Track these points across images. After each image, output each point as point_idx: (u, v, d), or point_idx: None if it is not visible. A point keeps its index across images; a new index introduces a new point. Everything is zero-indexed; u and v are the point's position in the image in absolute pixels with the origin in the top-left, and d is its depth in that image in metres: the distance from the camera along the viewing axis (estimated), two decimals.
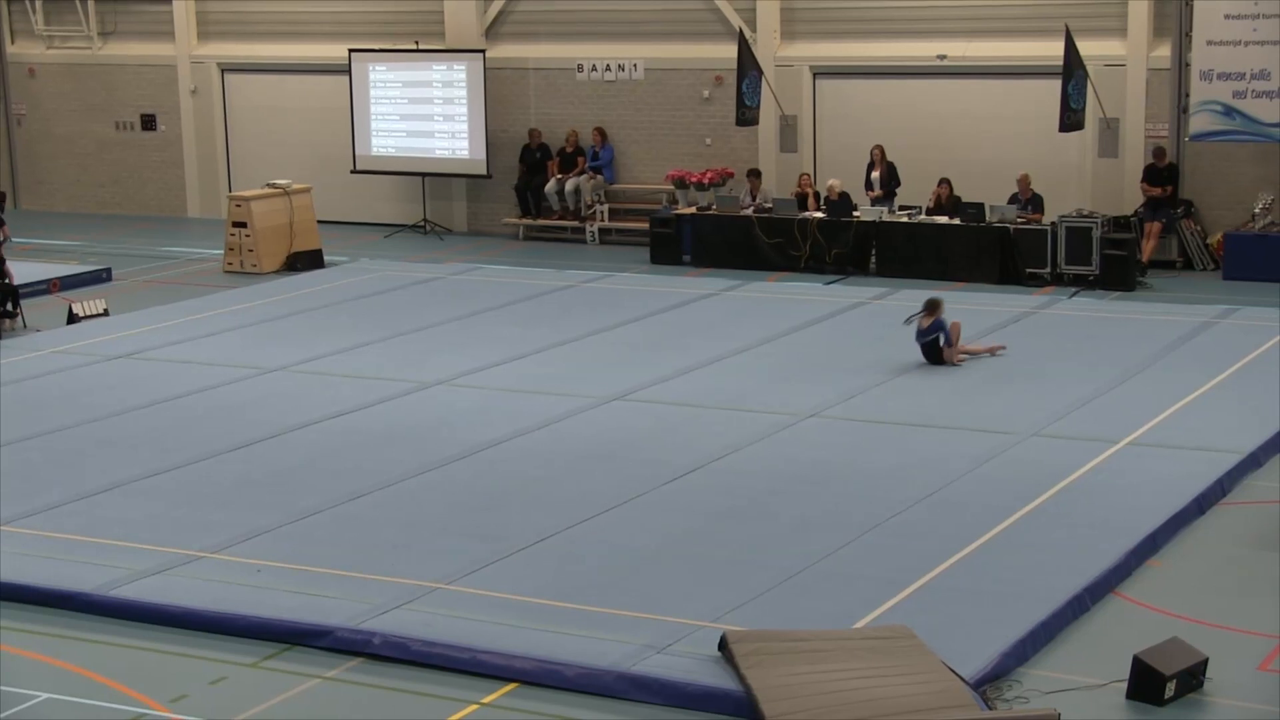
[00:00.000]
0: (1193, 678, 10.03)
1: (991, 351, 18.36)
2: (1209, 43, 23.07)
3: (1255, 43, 22.79)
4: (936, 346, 17.91)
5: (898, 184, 24.59)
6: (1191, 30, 23.27)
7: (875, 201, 24.36)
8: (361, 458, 15.08)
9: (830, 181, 24.50)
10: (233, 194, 26.91)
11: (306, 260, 25.29)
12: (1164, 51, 23.87)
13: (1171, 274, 23.29)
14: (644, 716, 9.96)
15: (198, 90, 30.67)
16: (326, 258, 25.62)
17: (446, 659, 10.65)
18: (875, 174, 24.53)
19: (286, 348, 19.54)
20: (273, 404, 17.05)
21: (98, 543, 12.78)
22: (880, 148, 24.58)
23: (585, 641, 10.72)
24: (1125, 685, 10.01)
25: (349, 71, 28.62)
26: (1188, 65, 23.41)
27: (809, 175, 25.21)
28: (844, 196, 24.24)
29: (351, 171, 28.92)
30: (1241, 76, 22.90)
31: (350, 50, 28.62)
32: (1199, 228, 23.84)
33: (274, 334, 20.44)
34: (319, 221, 26.32)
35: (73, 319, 21.27)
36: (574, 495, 13.83)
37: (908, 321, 18.11)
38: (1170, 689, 9.88)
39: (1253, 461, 14.46)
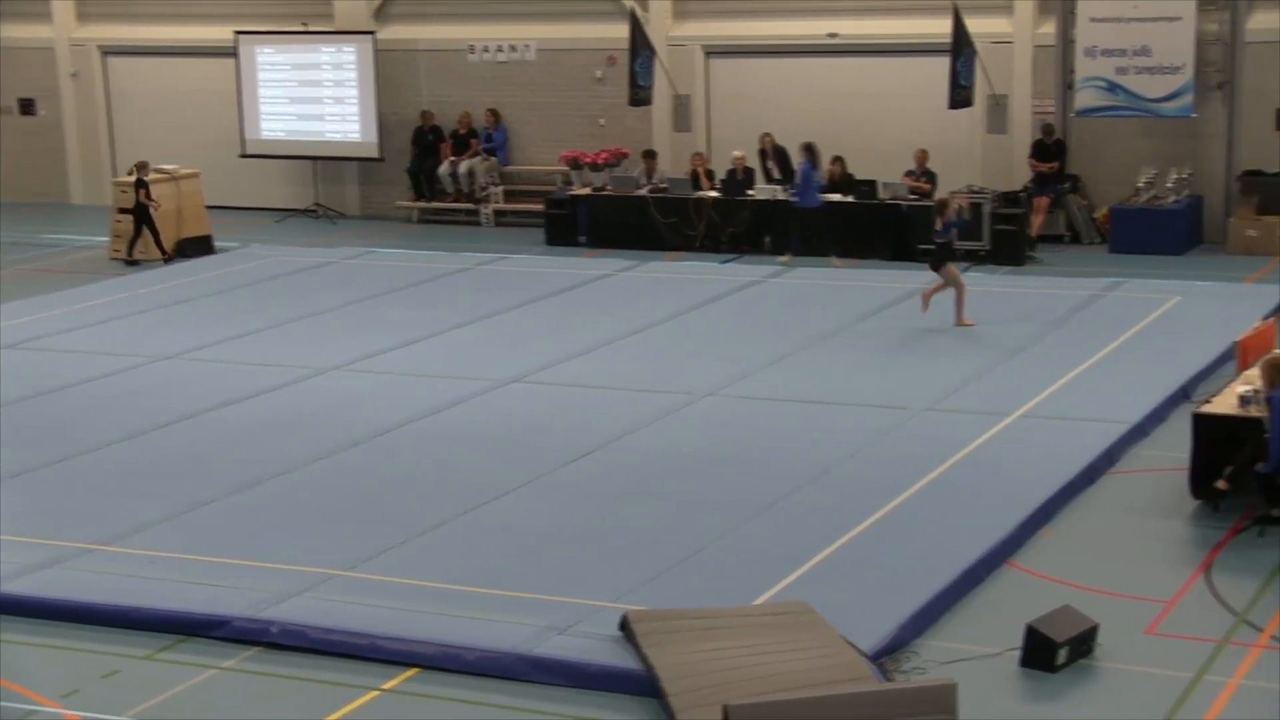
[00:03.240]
0: (1084, 644, 10.22)
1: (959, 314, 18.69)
2: (1092, 20, 23.41)
3: (1137, 20, 23.15)
4: (949, 247, 18.63)
5: (791, 169, 24.54)
6: (1075, 8, 23.59)
7: (772, 181, 24.43)
8: (256, 445, 14.94)
9: (735, 153, 24.54)
10: (118, 179, 26.51)
11: (195, 246, 24.96)
12: (1049, 29, 24.17)
13: (1060, 248, 23.61)
14: (546, 698, 9.97)
15: (78, 74, 30.15)
16: (216, 243, 25.31)
17: (346, 646, 10.60)
18: (770, 162, 24.54)
19: (177, 335, 19.30)
20: (163, 392, 16.84)
21: None
22: (769, 135, 24.61)
23: (485, 625, 10.71)
24: (1019, 653, 10.17)
25: (236, 54, 28.27)
26: (1072, 42, 23.73)
27: (702, 155, 25.26)
28: (749, 171, 24.33)
29: (240, 155, 28.59)
30: (1124, 53, 23.25)
31: (236, 32, 28.27)
32: (1086, 202, 24.19)
33: (163, 322, 20.18)
34: (208, 207, 25.99)
35: None
36: (472, 479, 13.79)
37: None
38: (1062, 656, 10.06)
39: (1139, 431, 14.71)
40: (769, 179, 24.49)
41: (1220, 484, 12.46)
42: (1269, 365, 12.47)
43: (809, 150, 22.84)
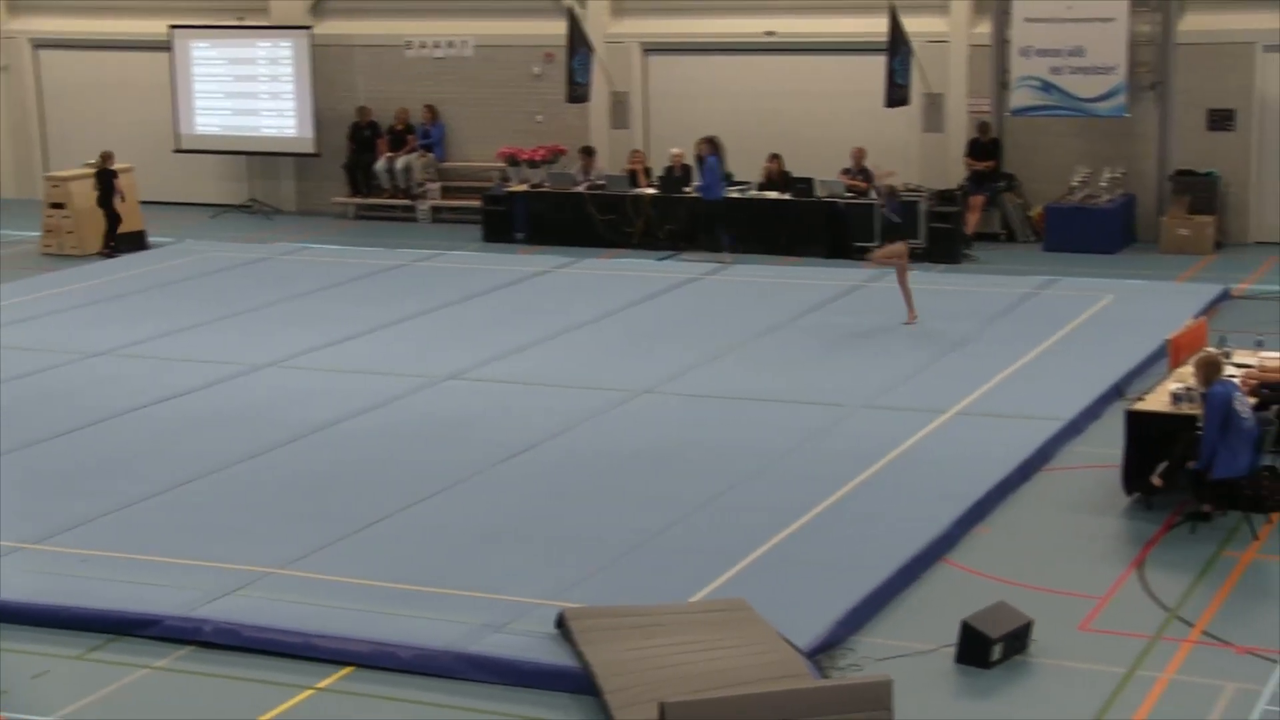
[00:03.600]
0: (1018, 640, 10.29)
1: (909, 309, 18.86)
2: (1027, 20, 23.58)
3: (1071, 20, 23.34)
4: (895, 224, 18.91)
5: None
6: (1010, 8, 23.76)
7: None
8: (190, 442, 14.82)
9: (673, 150, 24.55)
10: (50, 174, 26.25)
11: (129, 242, 24.72)
12: (985, 28, 24.32)
13: (995, 246, 23.74)
14: (482, 696, 9.94)
15: (9, 67, 29.79)
16: (150, 239, 25.09)
17: (280, 644, 10.53)
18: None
19: (111, 331, 19.11)
20: (98, 389, 16.67)
21: None
22: (705, 141, 24.52)
23: (421, 623, 10.66)
24: (954, 650, 10.22)
25: (170, 48, 28.03)
26: (1008, 42, 23.89)
27: (640, 152, 25.25)
28: (686, 169, 24.35)
29: (175, 151, 28.35)
30: (1059, 53, 23.44)
31: (171, 26, 28.03)
32: (1021, 200, 24.35)
33: (98, 317, 19.98)
34: (141, 202, 25.75)
35: None
36: (408, 476, 13.73)
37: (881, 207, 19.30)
38: (997, 652, 10.13)
39: (1073, 429, 14.82)
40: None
41: (1155, 480, 12.58)
42: (1203, 363, 12.57)
43: (712, 144, 23.10)
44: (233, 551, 11.98)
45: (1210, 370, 12.45)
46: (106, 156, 24.66)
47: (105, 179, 24.37)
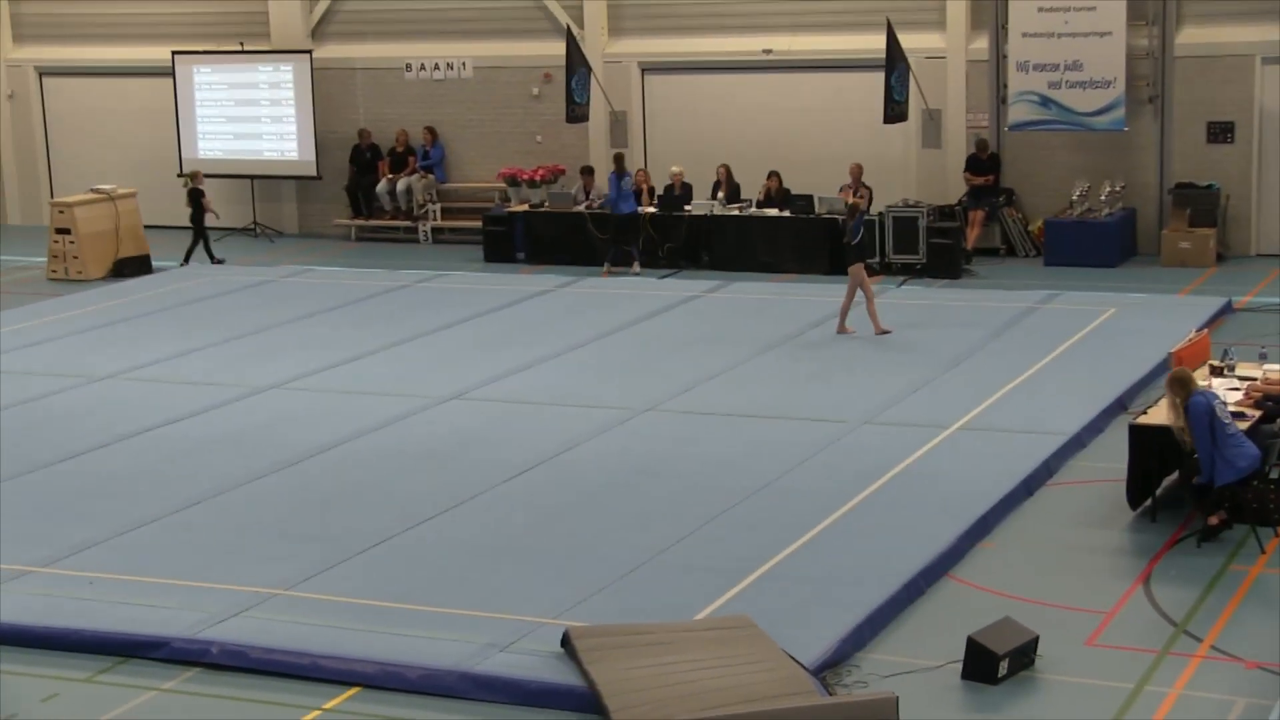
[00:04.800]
0: (1025, 656, 10.28)
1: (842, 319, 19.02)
2: (1024, 35, 23.63)
3: (1068, 35, 23.40)
4: (859, 248, 18.95)
5: (740, 198, 24.66)
6: (1007, 23, 23.82)
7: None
8: (195, 464, 14.84)
9: (673, 169, 24.62)
10: (55, 200, 26.33)
11: (133, 266, 24.82)
12: (982, 44, 24.38)
13: (995, 261, 23.78)
14: (488, 715, 9.95)
15: (14, 95, 29.91)
16: (154, 263, 25.17)
17: (287, 665, 10.54)
18: (721, 194, 24.45)
19: (116, 355, 19.16)
20: (103, 412, 16.71)
21: None
22: (726, 166, 24.60)
23: (427, 642, 10.68)
24: (960, 666, 10.22)
25: (173, 74, 28.13)
26: (1005, 57, 23.95)
27: (645, 171, 25.27)
28: (686, 187, 24.40)
29: (178, 175, 28.37)
30: (1056, 67, 23.48)
31: (173, 52, 28.13)
32: (1020, 215, 24.39)
33: (103, 341, 20.03)
34: (146, 226, 25.84)
35: None
36: (411, 496, 13.76)
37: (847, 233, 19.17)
38: (1004, 668, 10.12)
39: (1077, 443, 14.82)
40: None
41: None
42: (1173, 381, 12.35)
43: (618, 161, 23.66)
44: (239, 573, 12.00)
45: (1181, 387, 12.25)
46: (195, 175, 25.30)
47: (195, 197, 25.07)
